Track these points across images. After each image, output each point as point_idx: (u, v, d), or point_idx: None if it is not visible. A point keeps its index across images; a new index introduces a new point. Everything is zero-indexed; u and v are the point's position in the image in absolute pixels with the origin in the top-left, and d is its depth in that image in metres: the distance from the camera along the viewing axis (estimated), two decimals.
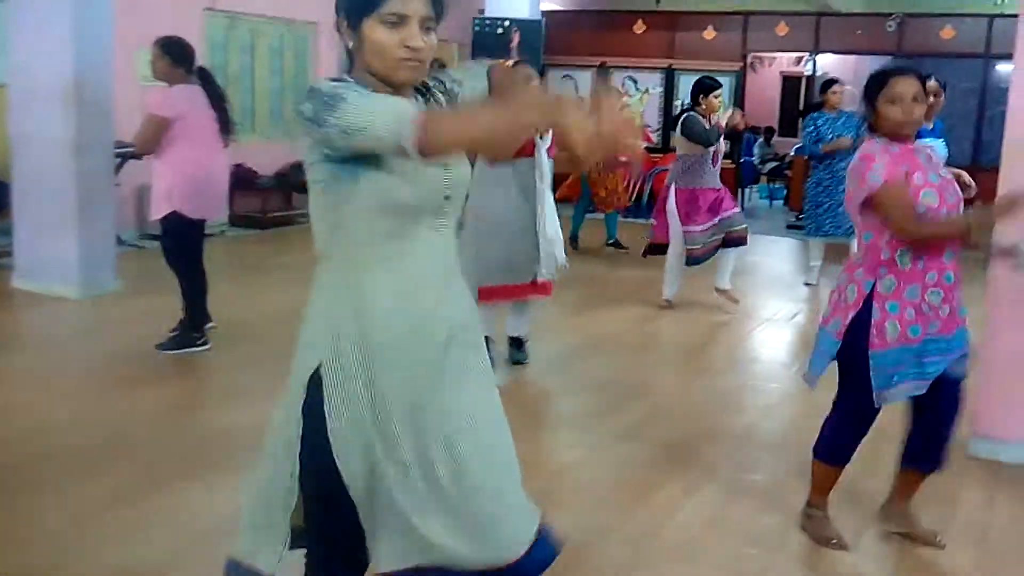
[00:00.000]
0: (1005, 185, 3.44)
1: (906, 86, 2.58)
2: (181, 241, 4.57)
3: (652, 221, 6.34)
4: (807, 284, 6.99)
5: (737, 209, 6.06)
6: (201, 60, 8.02)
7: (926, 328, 2.57)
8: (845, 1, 11.37)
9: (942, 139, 5.94)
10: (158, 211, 4.51)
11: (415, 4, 1.58)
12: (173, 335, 4.62)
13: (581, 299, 6.18)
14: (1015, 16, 3.72)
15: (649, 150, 9.70)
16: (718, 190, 5.85)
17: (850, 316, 2.62)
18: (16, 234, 5.87)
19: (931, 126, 5.71)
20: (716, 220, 5.77)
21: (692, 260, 5.86)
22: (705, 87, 5.81)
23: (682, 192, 5.78)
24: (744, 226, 5.95)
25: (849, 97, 6.75)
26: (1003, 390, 3.58)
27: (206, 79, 4.62)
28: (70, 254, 5.62)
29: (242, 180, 8.37)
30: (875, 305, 2.59)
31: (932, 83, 5.34)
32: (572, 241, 7.84)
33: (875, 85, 2.63)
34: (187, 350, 4.58)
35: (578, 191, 8.10)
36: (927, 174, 2.59)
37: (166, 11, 7.33)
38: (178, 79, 4.46)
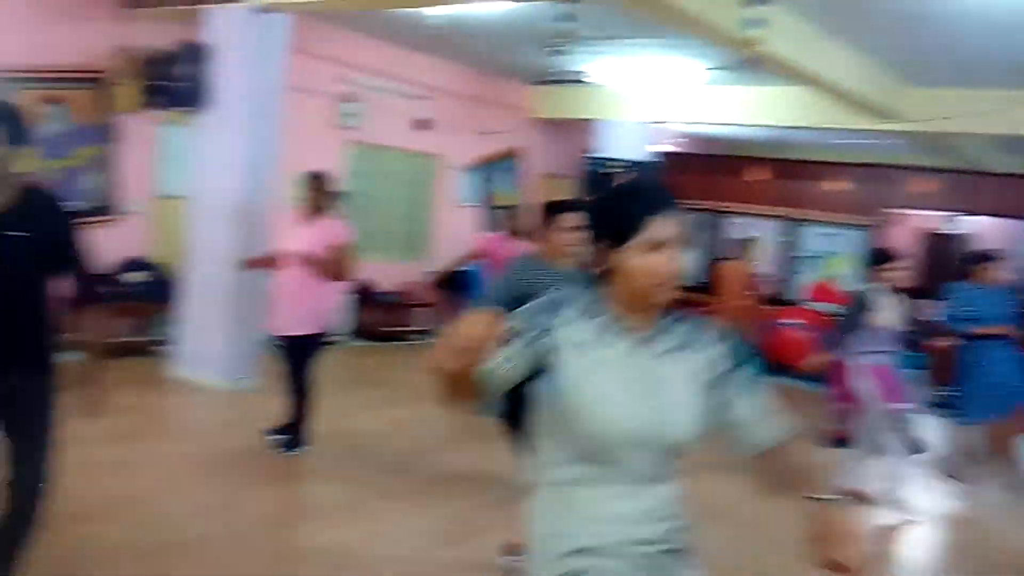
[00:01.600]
0: None
1: None
2: (316, 356, 4.96)
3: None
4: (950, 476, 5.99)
5: None
6: (340, 186, 9.03)
7: None
8: (999, 160, 10.33)
9: None
10: (311, 327, 4.82)
11: (672, 229, 1.65)
12: (285, 434, 4.94)
13: None
14: None
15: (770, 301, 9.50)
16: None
17: None
18: (178, 327, 6.68)
19: None
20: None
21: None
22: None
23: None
24: None
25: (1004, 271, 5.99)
26: None
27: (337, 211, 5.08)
28: (220, 351, 6.33)
29: (365, 295, 9.15)
30: None
31: None
32: None
33: None
34: (297, 449, 4.93)
35: None
36: None
37: (317, 141, 8.36)
38: (325, 207, 4.93)
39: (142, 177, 7.27)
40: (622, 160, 10.21)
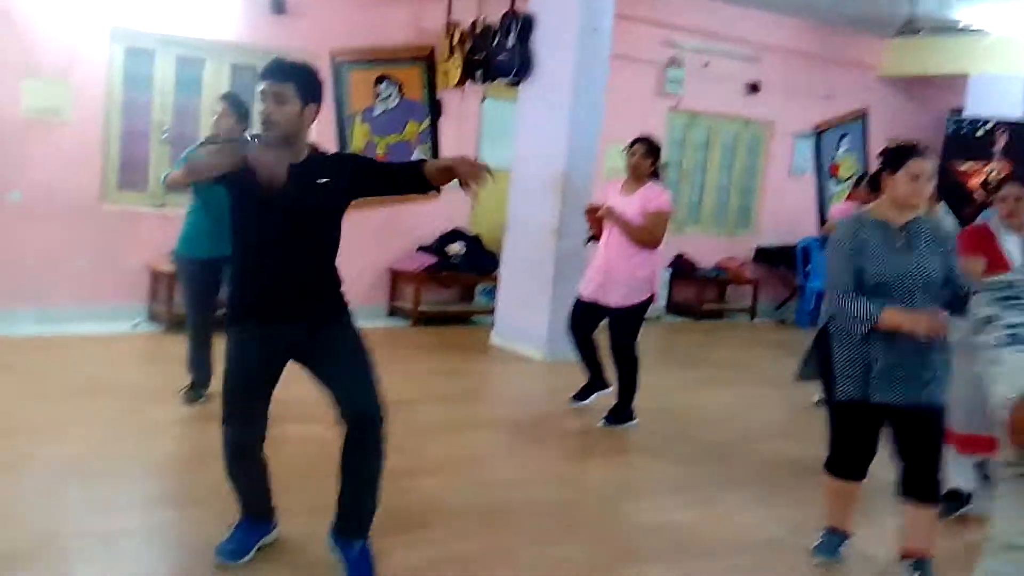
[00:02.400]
0: None
1: None
2: (641, 324, 4.87)
3: None
4: None
5: None
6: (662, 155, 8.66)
7: None
8: None
9: None
10: (638, 296, 4.73)
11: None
12: (616, 410, 4.88)
13: None
14: None
15: None
16: None
17: None
18: (499, 299, 6.80)
19: None
20: None
21: None
22: None
23: None
24: None
25: None
26: None
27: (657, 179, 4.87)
28: (541, 321, 6.32)
29: (682, 270, 8.72)
30: None
31: None
32: None
33: None
34: (625, 424, 4.85)
35: None
36: None
37: (639, 110, 8.03)
38: (648, 175, 4.76)
39: (465, 151, 7.48)
40: (996, 120, 8.62)
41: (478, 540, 3.30)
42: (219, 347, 3.16)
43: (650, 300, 4.81)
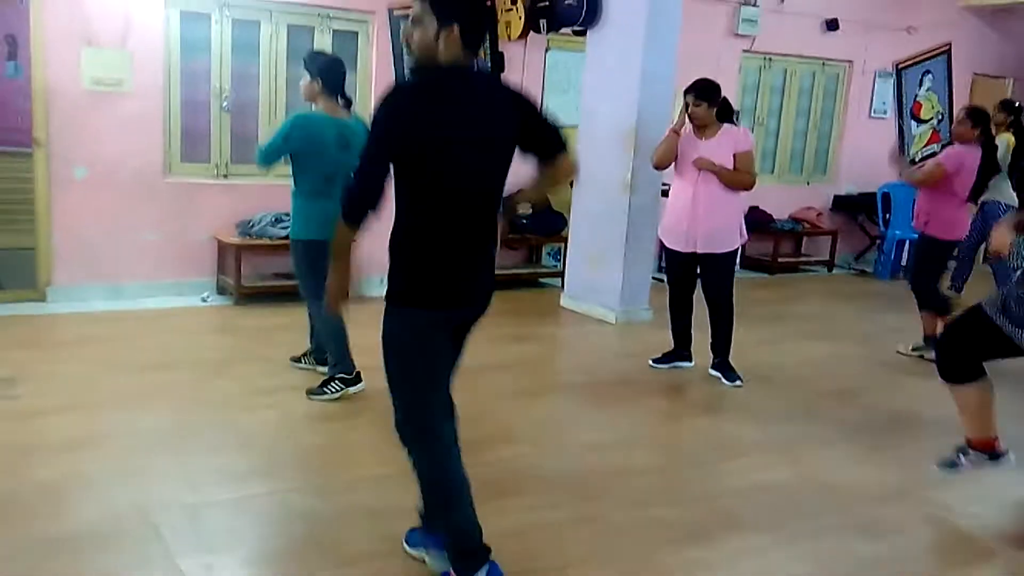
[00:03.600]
0: None
1: None
2: (733, 274, 4.86)
3: None
4: None
5: None
6: (733, 102, 8.26)
7: None
8: None
9: None
10: (733, 243, 4.75)
11: None
12: (723, 366, 4.87)
13: None
14: None
15: None
16: None
17: None
18: (568, 259, 6.55)
19: None
20: None
21: None
22: None
23: None
24: None
25: None
26: None
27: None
28: (614, 282, 6.08)
29: (756, 223, 8.33)
30: None
31: None
32: None
33: None
34: (736, 382, 4.81)
35: None
36: None
37: (713, 52, 7.62)
38: (714, 122, 4.67)
39: None
40: None
41: (567, 506, 3.19)
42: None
43: (742, 247, 4.84)
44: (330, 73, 4.09)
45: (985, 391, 3.26)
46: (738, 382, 4.78)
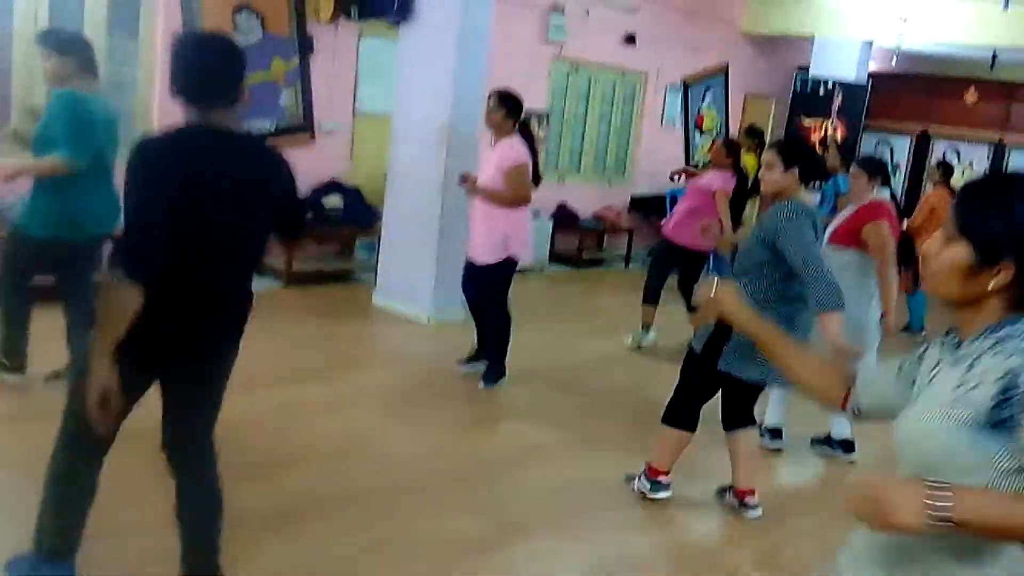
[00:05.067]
0: None
1: None
2: (506, 283, 4.82)
3: None
4: None
5: None
6: (543, 105, 8.50)
7: None
8: None
9: None
10: (493, 256, 4.66)
11: None
12: (488, 368, 4.87)
13: None
14: None
15: None
16: None
17: None
18: (381, 256, 6.46)
19: None
20: None
21: None
22: None
23: None
24: None
25: None
26: None
27: (526, 132, 4.74)
28: (426, 280, 6.06)
29: (563, 219, 8.71)
30: None
31: None
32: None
33: None
34: (500, 383, 4.85)
35: None
36: None
37: (523, 56, 7.83)
38: (507, 131, 4.61)
39: (341, 94, 7.04)
40: (834, 79, 9.19)
41: (363, 529, 3.15)
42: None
43: (509, 261, 4.70)
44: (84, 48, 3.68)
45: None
46: (492, 384, 4.82)
